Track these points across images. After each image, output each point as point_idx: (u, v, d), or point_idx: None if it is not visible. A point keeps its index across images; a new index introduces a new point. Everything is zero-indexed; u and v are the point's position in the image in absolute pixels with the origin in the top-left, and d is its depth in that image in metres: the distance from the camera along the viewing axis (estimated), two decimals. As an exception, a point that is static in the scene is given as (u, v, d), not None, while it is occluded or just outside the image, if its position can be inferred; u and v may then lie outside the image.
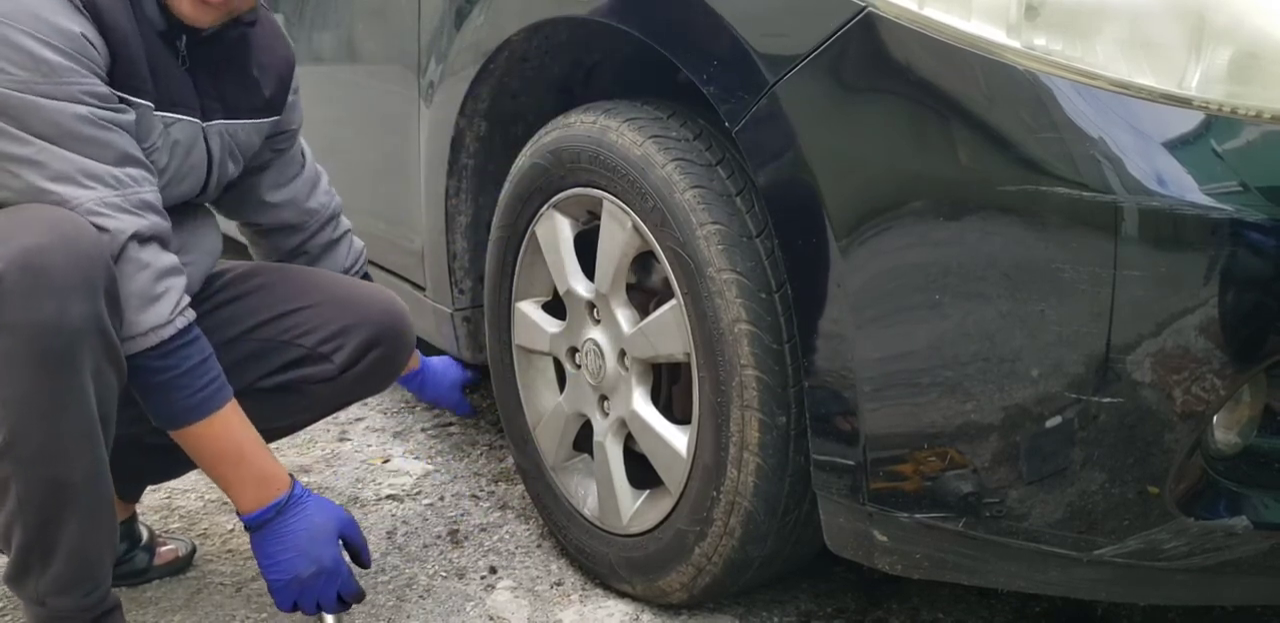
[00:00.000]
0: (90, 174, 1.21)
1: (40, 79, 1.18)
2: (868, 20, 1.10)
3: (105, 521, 1.27)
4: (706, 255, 1.30)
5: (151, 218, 1.25)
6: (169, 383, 1.27)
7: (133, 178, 1.24)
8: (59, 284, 1.14)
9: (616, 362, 1.50)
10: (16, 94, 1.17)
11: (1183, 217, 0.98)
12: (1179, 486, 1.06)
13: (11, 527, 1.22)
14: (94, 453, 1.23)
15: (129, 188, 1.23)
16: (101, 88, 1.22)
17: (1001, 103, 1.04)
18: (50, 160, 1.19)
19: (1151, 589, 1.15)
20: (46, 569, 1.25)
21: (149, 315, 1.24)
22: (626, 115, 1.43)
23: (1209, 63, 0.99)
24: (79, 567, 1.26)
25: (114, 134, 1.23)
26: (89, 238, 1.17)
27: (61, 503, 1.22)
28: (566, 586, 1.62)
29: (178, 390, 1.28)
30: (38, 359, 1.14)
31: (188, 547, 1.68)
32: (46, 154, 1.19)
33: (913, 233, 1.10)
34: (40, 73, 1.18)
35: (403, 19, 1.87)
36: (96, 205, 1.20)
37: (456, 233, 1.83)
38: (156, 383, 1.27)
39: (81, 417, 1.19)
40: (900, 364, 1.15)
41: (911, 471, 1.18)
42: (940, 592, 1.58)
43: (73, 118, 1.20)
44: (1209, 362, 1.00)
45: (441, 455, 2.09)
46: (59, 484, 1.21)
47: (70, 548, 1.24)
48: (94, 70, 1.22)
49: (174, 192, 1.37)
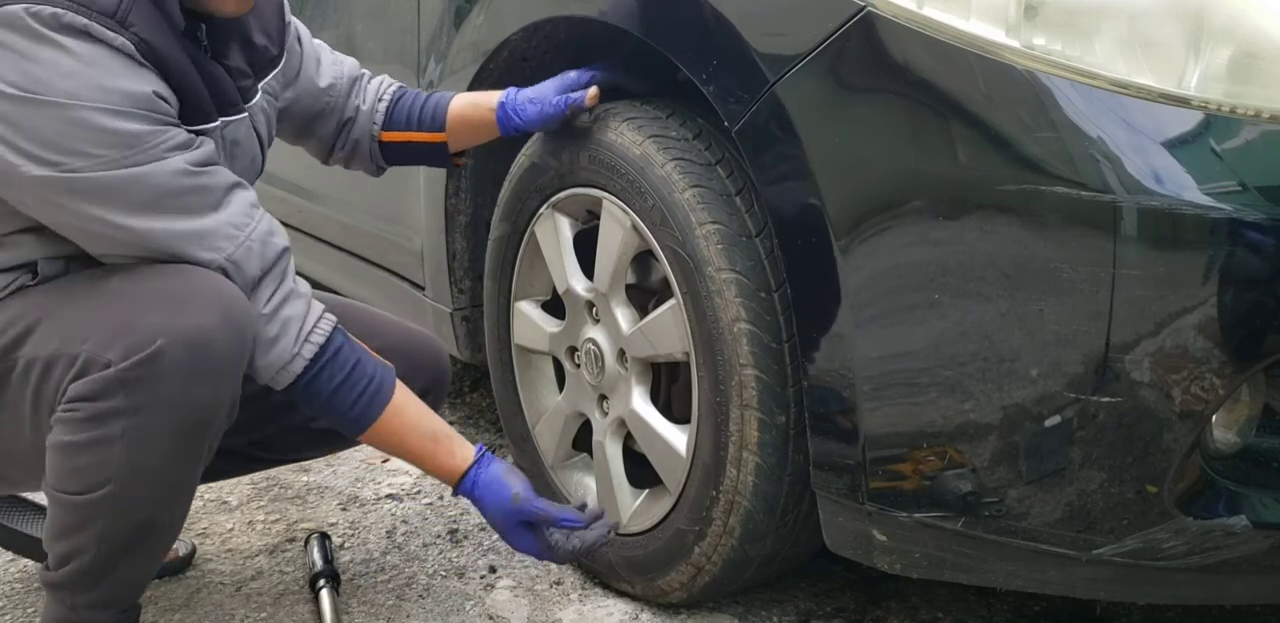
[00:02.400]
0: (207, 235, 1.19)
1: (128, 152, 1.14)
2: (867, 20, 1.10)
3: (165, 552, 1.31)
4: (706, 255, 1.30)
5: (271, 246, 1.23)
6: (328, 403, 1.27)
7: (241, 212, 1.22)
8: (219, 368, 1.17)
9: (616, 361, 1.50)
10: (111, 173, 1.13)
11: (1181, 216, 0.98)
12: (1178, 485, 1.06)
13: (79, 552, 1.22)
14: (187, 501, 1.27)
15: (242, 231, 1.21)
16: (182, 135, 1.19)
17: (1000, 102, 1.04)
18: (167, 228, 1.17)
19: (1150, 589, 1.15)
20: (95, 589, 1.25)
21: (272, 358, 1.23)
22: (626, 115, 1.43)
23: (1208, 62, 0.99)
24: (126, 591, 1.29)
25: (210, 174, 1.20)
26: (244, 314, 1.19)
27: (140, 542, 1.24)
28: (566, 585, 1.62)
29: (340, 405, 1.28)
30: (177, 434, 1.17)
31: (187, 547, 1.68)
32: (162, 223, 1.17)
33: (912, 232, 1.10)
34: (125, 146, 1.13)
35: (402, 18, 1.87)
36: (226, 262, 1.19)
37: (456, 232, 1.83)
38: (319, 406, 1.28)
39: (192, 475, 1.24)
40: (899, 363, 1.15)
41: (910, 470, 1.18)
42: (939, 591, 1.58)
43: (171, 175, 1.16)
44: (1208, 361, 1.00)
45: (441, 455, 2.09)
46: (146, 527, 1.23)
47: (127, 577, 1.27)
48: (170, 122, 1.18)
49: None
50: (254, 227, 1.22)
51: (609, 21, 1.39)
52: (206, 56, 1.26)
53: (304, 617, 1.54)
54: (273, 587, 1.62)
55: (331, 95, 1.54)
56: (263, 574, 1.66)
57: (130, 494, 1.18)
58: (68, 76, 1.11)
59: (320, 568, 1.59)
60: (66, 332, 1.17)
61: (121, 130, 1.13)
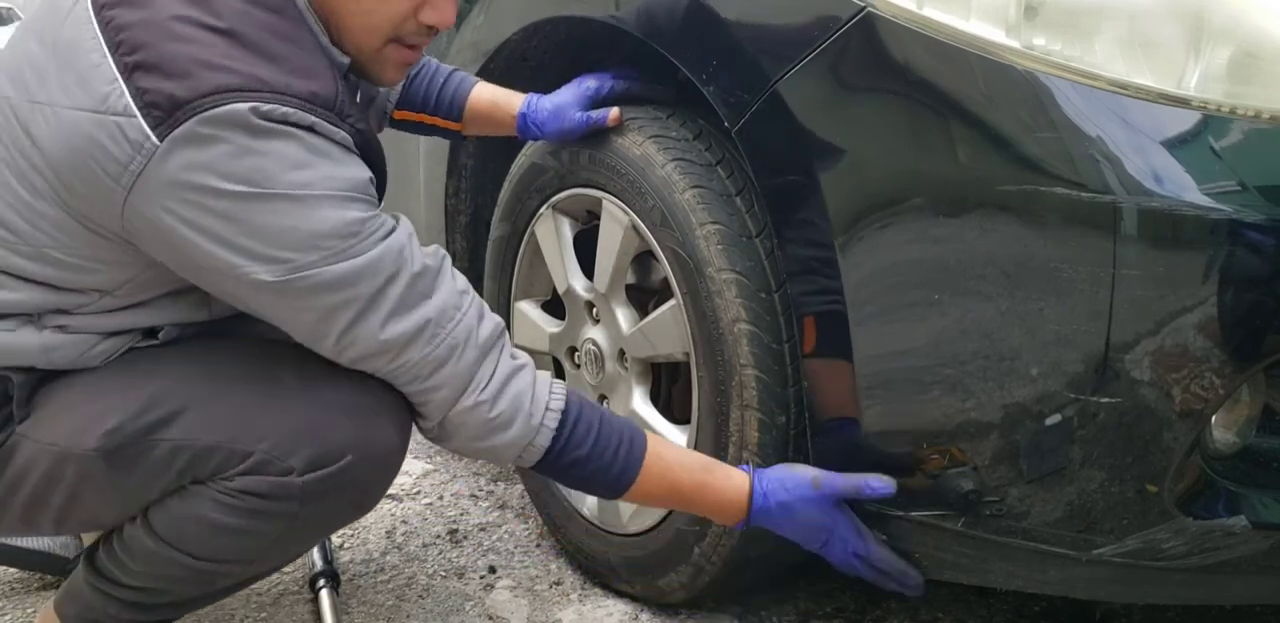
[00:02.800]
0: (427, 325, 1.11)
1: (352, 242, 1.06)
2: (867, 20, 1.10)
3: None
4: (706, 255, 1.30)
5: (486, 324, 1.17)
6: (585, 467, 1.22)
7: (453, 293, 1.15)
8: (386, 486, 1.21)
9: (616, 361, 1.50)
10: (341, 266, 1.05)
11: (1181, 216, 0.98)
12: (1178, 485, 1.06)
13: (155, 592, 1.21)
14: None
15: (459, 312, 1.14)
16: (390, 222, 1.12)
17: (1000, 102, 1.04)
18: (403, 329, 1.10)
19: (1150, 589, 1.15)
20: (147, 611, 1.25)
21: (512, 437, 1.18)
22: (626, 115, 1.43)
23: (1208, 62, 0.99)
24: (174, 613, 1.29)
25: (418, 257, 1.13)
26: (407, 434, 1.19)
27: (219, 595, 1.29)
28: (565, 585, 1.62)
29: (599, 466, 1.22)
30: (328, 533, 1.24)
31: None
32: (393, 321, 1.10)
33: (912, 231, 1.10)
34: (352, 235, 1.06)
35: (402, 19, 1.87)
36: (441, 349, 1.13)
37: (456, 232, 1.83)
38: (577, 474, 1.24)
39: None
40: (899, 362, 1.15)
41: (911, 469, 1.18)
42: (939, 591, 1.58)
43: (396, 256, 1.09)
44: (1208, 361, 1.00)
45: (441, 455, 2.09)
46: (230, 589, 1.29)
47: (182, 607, 1.28)
48: (376, 207, 1.12)
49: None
50: (467, 309, 1.15)
51: (609, 22, 1.39)
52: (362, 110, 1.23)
53: (304, 617, 1.54)
54: (272, 587, 1.62)
55: None
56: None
57: (244, 574, 1.23)
58: (297, 168, 1.03)
59: (320, 568, 1.59)
60: (230, 425, 1.11)
61: (350, 219, 1.05)
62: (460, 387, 1.15)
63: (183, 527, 1.15)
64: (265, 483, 1.11)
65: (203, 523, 1.13)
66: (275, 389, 1.14)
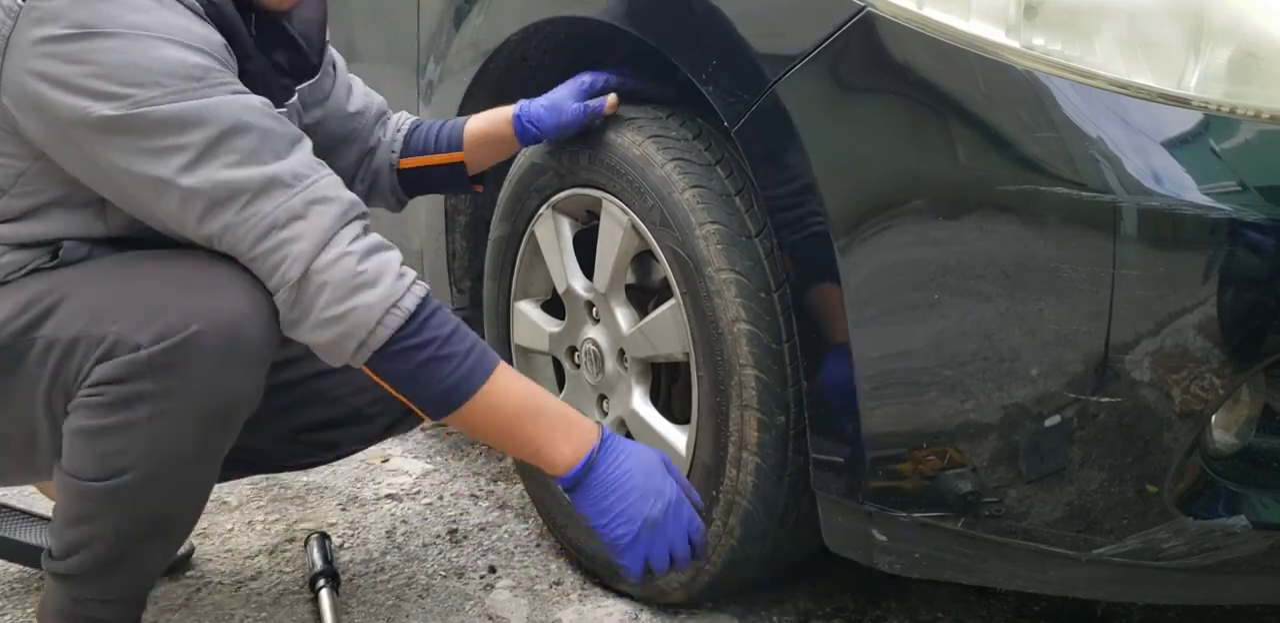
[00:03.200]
0: (272, 182, 1.11)
1: (196, 85, 1.09)
2: (867, 20, 1.10)
3: (178, 547, 1.30)
4: (705, 255, 1.30)
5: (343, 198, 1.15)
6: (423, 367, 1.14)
7: (304, 164, 1.14)
8: (250, 356, 1.14)
9: (615, 361, 1.50)
10: (183, 104, 1.08)
11: (1181, 216, 0.98)
12: (1178, 485, 1.06)
13: (91, 541, 1.20)
14: (205, 494, 1.24)
15: (301, 182, 1.12)
16: (242, 87, 1.14)
17: (1000, 102, 1.04)
18: (231, 175, 1.10)
19: (1150, 589, 1.15)
20: (103, 580, 1.23)
21: (376, 296, 1.11)
22: (626, 115, 1.43)
23: (1208, 62, 0.99)
24: (135, 584, 1.27)
25: (279, 119, 1.16)
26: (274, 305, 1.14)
27: (155, 533, 1.22)
28: (565, 585, 1.62)
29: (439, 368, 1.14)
30: (202, 421, 1.14)
31: (186, 546, 1.68)
32: (226, 171, 1.10)
33: (912, 232, 1.10)
34: (194, 78, 1.09)
35: (402, 19, 1.87)
36: (283, 213, 1.11)
37: (456, 232, 1.83)
38: (408, 371, 1.15)
39: (213, 467, 1.21)
40: (899, 363, 1.15)
41: (910, 469, 1.18)
42: (939, 591, 1.58)
43: (244, 109, 1.11)
44: (1208, 361, 1.00)
45: (440, 455, 2.09)
46: (163, 518, 1.21)
47: (138, 569, 1.25)
48: (232, 72, 1.15)
49: None
50: (327, 176, 1.15)
51: (608, 22, 1.39)
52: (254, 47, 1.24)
53: (303, 617, 1.54)
54: (272, 587, 1.62)
55: (358, 122, 1.53)
56: (262, 574, 1.66)
57: (151, 483, 1.15)
58: (137, 11, 1.08)
59: (320, 568, 1.59)
60: (93, 312, 1.12)
61: (191, 62, 1.09)
62: (321, 240, 1.11)
63: (71, 450, 1.15)
64: (116, 366, 1.10)
65: (79, 436, 1.13)
66: (133, 275, 1.16)
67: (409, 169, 1.55)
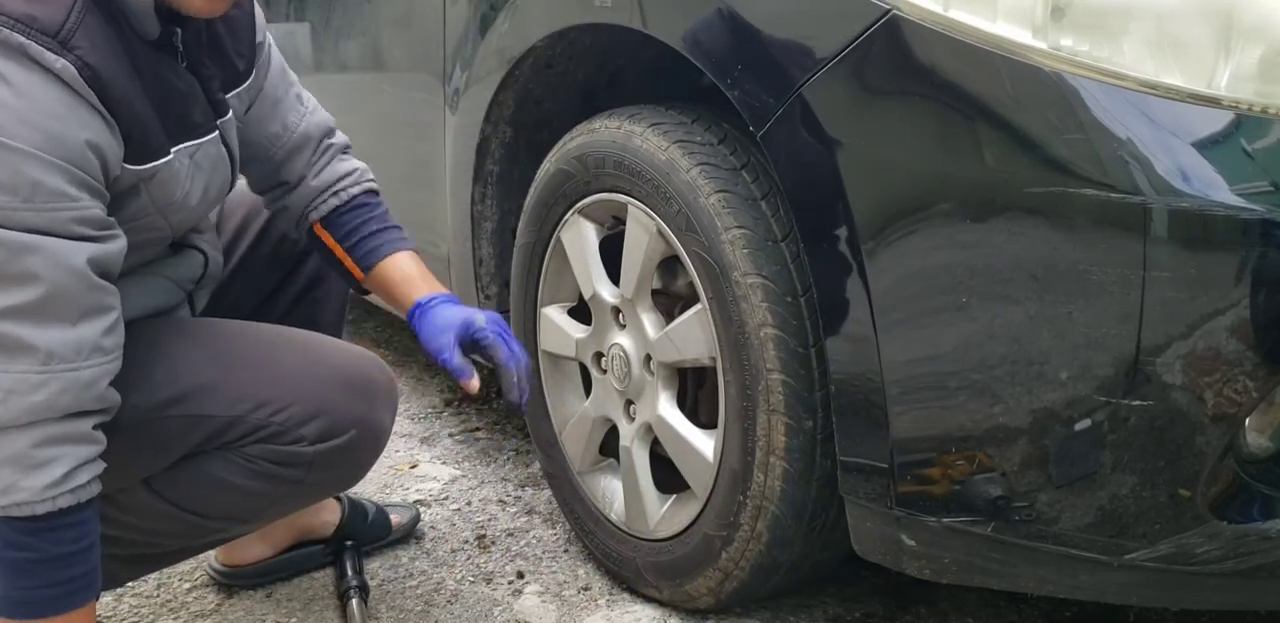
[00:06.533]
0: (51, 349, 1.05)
1: (21, 206, 1.01)
2: (893, 22, 1.10)
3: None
4: (732, 260, 1.30)
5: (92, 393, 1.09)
6: (19, 563, 1.08)
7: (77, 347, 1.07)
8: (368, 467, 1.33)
9: (642, 366, 1.50)
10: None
11: (1212, 217, 0.97)
12: (1211, 489, 1.05)
13: (146, 544, 1.28)
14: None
15: (68, 363, 1.06)
16: (93, 210, 1.07)
17: (1028, 104, 1.04)
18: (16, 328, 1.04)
19: (1184, 594, 1.13)
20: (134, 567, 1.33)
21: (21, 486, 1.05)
22: (651, 120, 1.43)
23: (1238, 62, 0.98)
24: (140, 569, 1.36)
25: (102, 291, 1.09)
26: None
27: (193, 551, 1.38)
28: (594, 590, 1.62)
29: (17, 578, 1.08)
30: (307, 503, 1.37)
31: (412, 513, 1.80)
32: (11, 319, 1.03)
33: (939, 235, 1.10)
34: (24, 199, 1.01)
35: (428, 27, 1.88)
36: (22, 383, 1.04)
37: (482, 239, 1.83)
38: (6, 559, 1.08)
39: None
40: (927, 367, 1.14)
41: (939, 474, 1.17)
42: (969, 596, 1.57)
43: (65, 271, 1.04)
44: (1241, 363, 0.99)
45: (469, 461, 2.10)
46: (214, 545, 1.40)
47: (156, 565, 1.37)
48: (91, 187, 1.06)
49: (211, 201, 1.30)
50: (80, 366, 1.06)
51: (634, 28, 1.39)
52: (181, 66, 1.18)
53: (333, 622, 1.55)
54: (302, 592, 1.63)
55: (269, 143, 1.41)
56: (292, 580, 1.67)
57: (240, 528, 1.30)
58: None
59: (349, 576, 1.60)
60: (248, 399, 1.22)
61: (32, 180, 1.01)
62: (21, 421, 1.04)
63: (190, 486, 1.24)
64: (280, 451, 1.23)
65: (213, 482, 1.24)
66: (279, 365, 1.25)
67: (317, 236, 1.46)
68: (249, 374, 1.23)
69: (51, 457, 1.06)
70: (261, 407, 1.22)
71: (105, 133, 1.06)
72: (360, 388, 1.27)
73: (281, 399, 1.23)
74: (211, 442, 1.23)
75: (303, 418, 1.23)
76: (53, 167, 1.02)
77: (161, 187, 1.17)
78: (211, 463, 1.24)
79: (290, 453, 1.24)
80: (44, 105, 1.02)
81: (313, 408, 1.23)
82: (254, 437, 1.23)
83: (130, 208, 1.16)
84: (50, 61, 1.01)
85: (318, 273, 1.56)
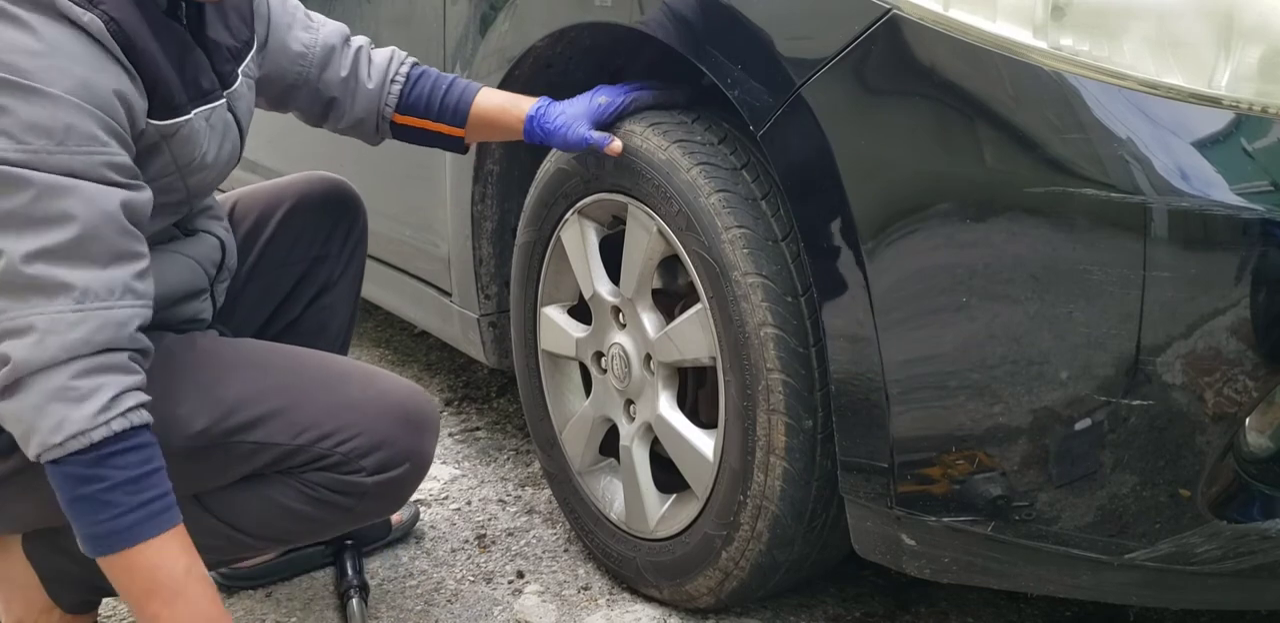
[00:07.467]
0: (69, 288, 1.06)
1: (55, 148, 1.04)
2: (893, 22, 1.10)
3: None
4: (732, 259, 1.30)
5: (125, 333, 1.09)
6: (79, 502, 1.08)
7: (111, 285, 1.08)
8: (410, 495, 1.38)
9: (642, 366, 1.50)
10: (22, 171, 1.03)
11: (1213, 217, 0.97)
12: (1211, 488, 1.05)
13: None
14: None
15: (103, 301, 1.07)
16: (121, 156, 1.09)
17: (1028, 104, 1.04)
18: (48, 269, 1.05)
19: (1184, 594, 1.13)
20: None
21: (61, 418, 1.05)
22: (650, 120, 1.43)
23: (1238, 61, 0.99)
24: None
25: (130, 236, 1.10)
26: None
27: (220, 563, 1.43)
28: (594, 590, 1.62)
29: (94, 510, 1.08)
30: (351, 527, 1.42)
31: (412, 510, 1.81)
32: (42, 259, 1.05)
33: (939, 235, 1.10)
34: (56, 140, 1.04)
35: (428, 26, 1.88)
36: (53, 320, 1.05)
37: (482, 238, 1.83)
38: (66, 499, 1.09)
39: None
40: (927, 367, 1.14)
41: (940, 474, 1.17)
42: (969, 596, 1.57)
43: (98, 213, 1.06)
44: (1241, 363, 0.99)
45: (469, 460, 2.10)
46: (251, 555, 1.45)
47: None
48: (118, 134, 1.09)
49: (223, 166, 1.32)
50: (114, 305, 1.08)
51: (634, 27, 1.39)
52: (188, 37, 1.21)
53: (333, 622, 1.55)
54: (302, 592, 1.63)
55: (299, 64, 1.45)
56: (292, 580, 1.67)
57: (265, 549, 1.36)
58: (24, 56, 1.03)
59: (350, 576, 1.60)
60: (313, 430, 1.26)
61: (66, 123, 1.03)
62: (53, 359, 1.05)
63: (244, 505, 1.28)
64: (340, 480, 1.28)
65: (267, 504, 1.28)
66: (345, 396, 1.30)
67: (403, 125, 1.52)
68: (316, 404, 1.28)
69: (95, 385, 1.07)
70: (327, 437, 1.26)
71: (130, 86, 1.10)
72: (416, 422, 1.32)
73: (346, 431, 1.27)
74: (273, 467, 1.27)
75: (365, 449, 1.27)
76: (85, 112, 1.05)
77: (183, 144, 1.21)
78: (270, 486, 1.28)
79: (350, 483, 1.28)
80: (73, 55, 1.05)
81: (376, 440, 1.28)
82: (317, 465, 1.27)
83: (153, 167, 1.19)
84: (78, 15, 1.05)
85: (329, 279, 1.60)
